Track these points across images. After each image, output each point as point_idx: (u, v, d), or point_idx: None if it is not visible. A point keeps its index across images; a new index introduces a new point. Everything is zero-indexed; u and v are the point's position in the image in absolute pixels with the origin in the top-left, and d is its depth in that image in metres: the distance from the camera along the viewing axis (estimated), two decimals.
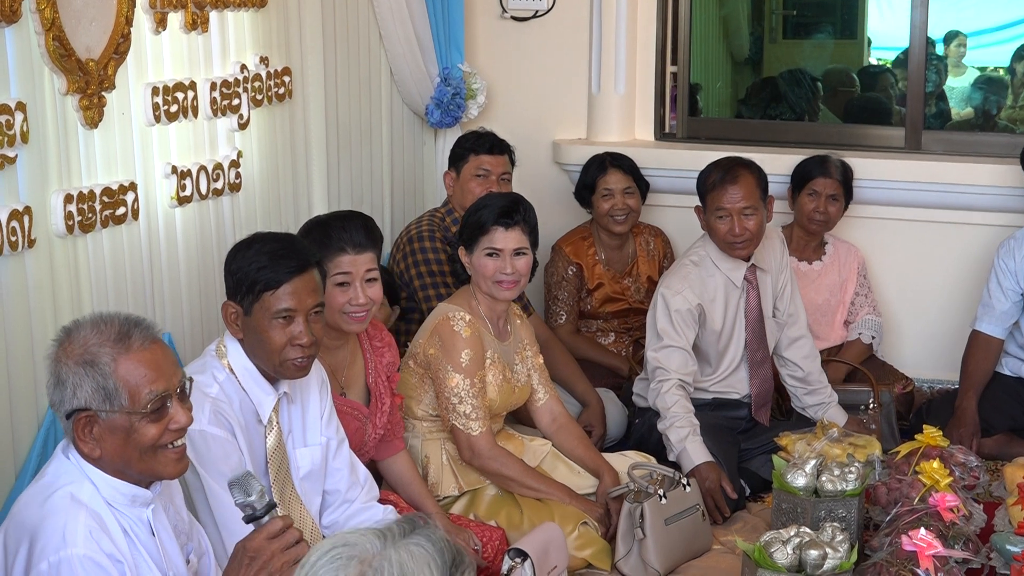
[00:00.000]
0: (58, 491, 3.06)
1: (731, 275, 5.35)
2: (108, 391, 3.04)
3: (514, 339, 4.93)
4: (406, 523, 2.19)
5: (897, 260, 6.37)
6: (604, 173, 6.10)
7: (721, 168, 5.31)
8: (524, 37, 6.67)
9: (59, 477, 3.10)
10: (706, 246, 5.37)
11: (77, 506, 3.04)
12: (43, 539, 2.99)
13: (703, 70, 8.27)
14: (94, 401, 3.04)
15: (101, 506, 3.07)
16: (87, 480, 3.09)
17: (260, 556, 3.10)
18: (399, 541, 2.15)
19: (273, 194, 5.02)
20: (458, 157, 5.73)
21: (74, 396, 3.05)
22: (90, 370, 3.04)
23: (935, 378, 6.29)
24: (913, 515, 4.32)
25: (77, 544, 2.98)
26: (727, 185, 5.23)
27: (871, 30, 9.59)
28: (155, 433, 3.09)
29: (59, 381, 3.07)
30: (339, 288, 4.24)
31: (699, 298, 5.29)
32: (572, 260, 6.12)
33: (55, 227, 3.84)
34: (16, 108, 3.64)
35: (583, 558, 4.62)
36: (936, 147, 6.47)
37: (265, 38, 4.91)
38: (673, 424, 5.12)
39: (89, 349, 3.06)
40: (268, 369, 3.84)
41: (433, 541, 2.16)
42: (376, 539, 2.15)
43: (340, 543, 2.15)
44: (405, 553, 2.13)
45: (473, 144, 5.72)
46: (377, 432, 4.48)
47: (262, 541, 3.11)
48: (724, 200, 5.23)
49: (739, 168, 5.30)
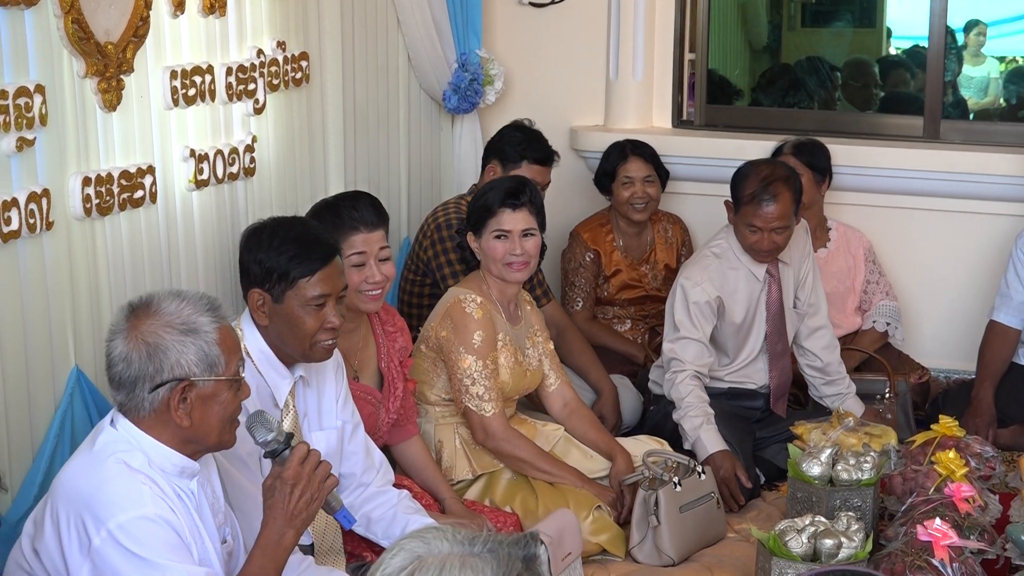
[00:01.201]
0: (109, 458, 3.11)
1: (753, 269, 5.33)
2: (211, 358, 3.15)
3: (525, 324, 4.93)
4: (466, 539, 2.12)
5: (915, 250, 6.35)
6: (624, 161, 6.09)
7: (761, 180, 5.17)
8: (542, 23, 6.66)
9: (108, 446, 3.15)
10: (728, 238, 5.34)
11: (132, 471, 3.10)
12: (103, 504, 3.04)
13: (721, 57, 8.25)
14: (197, 368, 3.13)
15: (154, 473, 3.13)
16: (139, 449, 3.14)
17: (300, 481, 3.24)
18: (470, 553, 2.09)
19: (289, 179, 5.02)
20: (508, 158, 5.65)
21: (176, 365, 3.11)
22: (195, 337, 3.13)
23: (951, 368, 6.28)
24: (928, 505, 4.31)
25: (146, 504, 3.05)
26: (764, 203, 5.13)
27: (890, 19, 9.55)
28: (235, 406, 3.23)
29: (155, 351, 3.11)
30: (355, 269, 4.25)
31: (719, 290, 5.27)
32: (590, 246, 6.12)
33: (73, 210, 3.85)
34: (35, 91, 3.64)
35: (597, 544, 4.63)
36: (954, 136, 6.45)
37: (283, 22, 4.91)
38: (687, 414, 5.11)
39: (190, 318, 3.14)
40: (296, 354, 3.86)
41: (499, 559, 2.09)
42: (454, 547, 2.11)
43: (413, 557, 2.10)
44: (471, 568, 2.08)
45: (526, 150, 5.66)
46: (390, 417, 4.49)
47: (296, 467, 3.25)
48: (757, 219, 5.16)
49: (778, 184, 5.16)
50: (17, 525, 3.48)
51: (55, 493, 3.15)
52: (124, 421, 3.16)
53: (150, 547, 3.03)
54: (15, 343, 3.70)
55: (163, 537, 3.05)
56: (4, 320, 3.65)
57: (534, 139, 5.73)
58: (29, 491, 3.71)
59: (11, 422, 3.71)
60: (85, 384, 3.91)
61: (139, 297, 3.23)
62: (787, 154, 5.97)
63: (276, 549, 3.23)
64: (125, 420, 3.16)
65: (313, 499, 3.26)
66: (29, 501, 3.64)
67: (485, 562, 2.07)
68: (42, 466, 3.75)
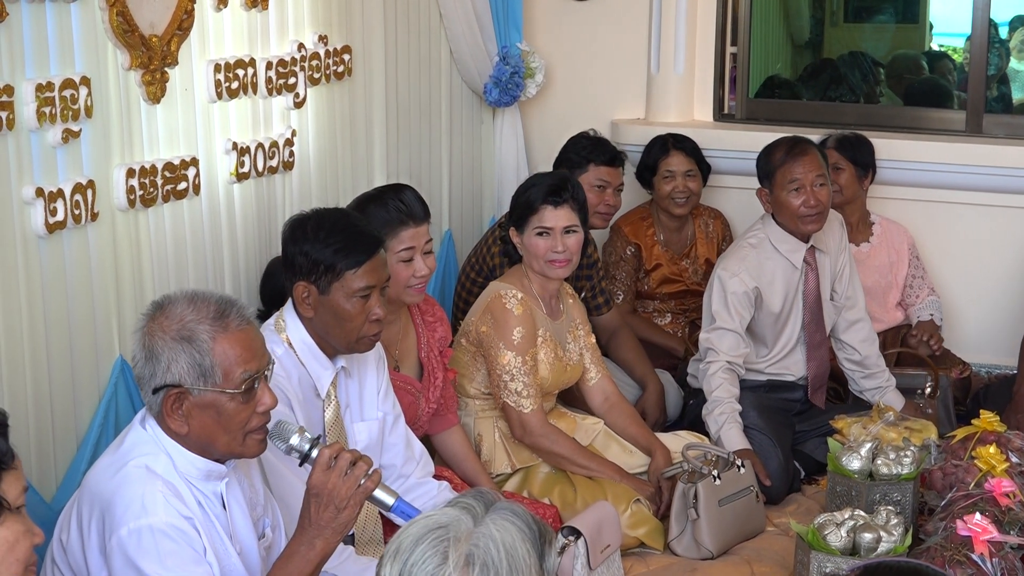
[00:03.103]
0: (132, 462, 3.08)
1: (790, 257, 5.32)
2: (204, 368, 3.05)
3: (566, 318, 4.93)
4: (477, 497, 2.15)
5: (956, 244, 6.32)
6: (666, 155, 6.09)
7: (784, 145, 5.30)
8: (583, 16, 6.66)
9: (134, 448, 3.12)
10: (766, 227, 5.35)
11: (152, 477, 3.06)
12: (118, 509, 3.01)
13: (763, 51, 8.23)
14: (188, 377, 3.05)
15: (175, 478, 3.09)
16: (163, 453, 3.10)
17: (323, 491, 3.13)
18: (487, 516, 2.12)
19: (330, 173, 5.05)
20: (575, 164, 5.67)
21: (167, 371, 3.05)
22: (187, 346, 3.04)
23: (993, 363, 6.25)
24: (968, 500, 4.29)
25: (158, 512, 3.00)
26: (798, 157, 5.22)
27: (933, 14, 9.51)
28: (244, 416, 3.10)
29: (151, 355, 3.06)
30: (402, 264, 4.26)
31: (756, 281, 5.27)
32: (631, 240, 6.12)
33: (117, 201, 3.89)
34: (80, 83, 3.68)
35: (636, 537, 4.63)
36: (997, 131, 6.41)
37: (325, 16, 4.93)
38: (712, 412, 5.12)
39: (187, 325, 3.06)
40: (340, 345, 3.87)
41: (518, 515, 2.13)
42: (466, 516, 2.11)
43: (434, 524, 2.11)
44: (501, 530, 2.09)
45: (592, 153, 5.70)
46: (430, 407, 4.51)
47: (319, 476, 3.13)
48: (796, 171, 5.20)
49: (803, 143, 5.30)
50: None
51: (83, 491, 3.15)
52: (151, 422, 3.13)
53: (153, 559, 2.98)
54: (60, 333, 3.74)
55: (170, 549, 2.99)
56: (50, 310, 3.69)
57: (598, 143, 5.77)
58: (73, 480, 3.75)
59: (56, 411, 3.75)
60: (129, 374, 3.94)
61: (163, 296, 3.19)
62: (830, 148, 5.95)
63: (300, 561, 3.12)
64: (152, 421, 3.13)
65: (343, 507, 3.12)
66: (73, 490, 3.66)
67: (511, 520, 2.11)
68: (86, 455, 3.79)
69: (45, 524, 3.10)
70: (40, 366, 3.68)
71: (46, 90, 3.57)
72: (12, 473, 2.40)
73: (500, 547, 2.07)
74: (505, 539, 2.08)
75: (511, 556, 2.07)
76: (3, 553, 2.38)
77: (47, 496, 3.72)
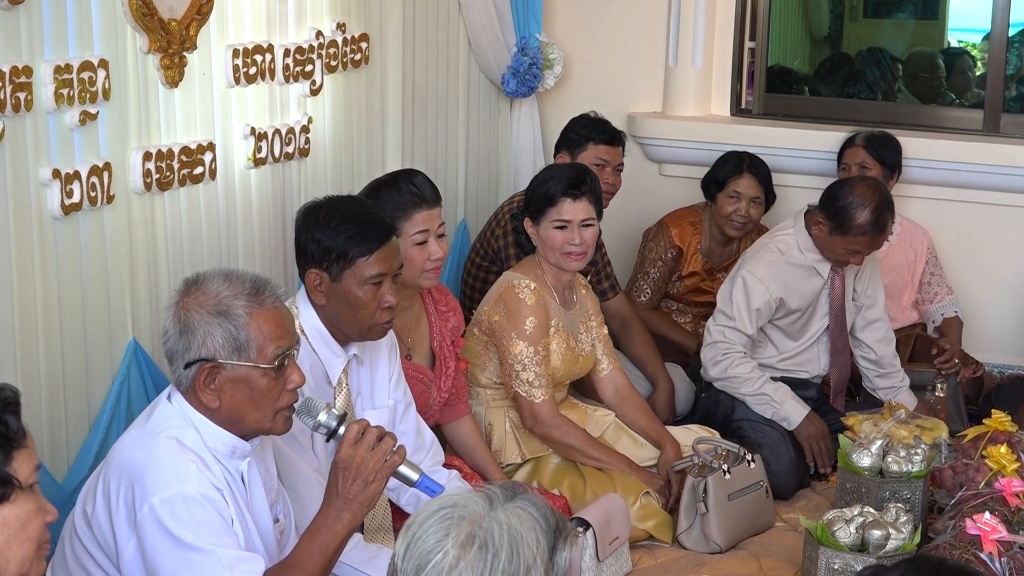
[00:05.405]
0: (163, 434, 3.12)
1: (818, 266, 5.30)
2: (239, 343, 3.11)
3: (579, 308, 4.94)
4: (507, 488, 2.19)
5: (972, 244, 6.31)
6: (739, 175, 5.90)
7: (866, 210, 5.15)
8: (602, 8, 6.65)
9: (163, 421, 3.16)
10: (797, 232, 5.32)
11: (183, 448, 3.11)
12: (150, 479, 3.05)
13: (781, 46, 8.21)
14: (223, 351, 3.11)
15: (204, 451, 3.14)
16: (192, 427, 3.15)
17: (351, 464, 3.18)
18: (505, 504, 2.15)
19: (346, 160, 5.05)
20: (574, 143, 5.65)
21: (202, 345, 3.11)
22: (223, 320, 3.10)
23: (1006, 363, 6.24)
24: (978, 499, 4.29)
25: (191, 481, 3.06)
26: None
27: (952, 11, 9.48)
28: (275, 393, 3.16)
29: (186, 329, 3.12)
30: (417, 247, 4.27)
31: (782, 291, 5.23)
32: (675, 243, 6.01)
33: (134, 184, 3.90)
34: (99, 65, 3.70)
35: (644, 530, 4.64)
36: (1015, 130, 6.40)
37: (343, 4, 4.93)
38: (762, 388, 5.20)
39: (223, 300, 3.12)
40: (353, 333, 3.87)
41: (537, 506, 2.16)
42: (483, 501, 2.15)
43: (448, 504, 2.14)
44: (512, 516, 2.12)
45: (591, 132, 5.65)
46: (442, 396, 4.52)
47: (348, 450, 3.19)
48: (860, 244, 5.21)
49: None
50: (73, 494, 3.53)
51: (109, 463, 3.18)
52: (178, 396, 3.18)
53: (189, 527, 3.02)
54: (74, 314, 3.75)
55: (204, 518, 3.04)
56: (64, 291, 3.70)
57: (598, 123, 5.73)
58: (85, 461, 3.77)
59: (69, 392, 3.77)
60: (142, 357, 3.96)
61: (196, 273, 3.24)
62: (858, 146, 5.92)
63: (327, 534, 3.17)
64: (179, 396, 3.18)
65: (371, 480, 3.17)
66: (85, 471, 3.69)
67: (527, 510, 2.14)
68: (98, 436, 3.81)
69: (56, 504, 3.10)
70: (54, 347, 3.70)
71: (64, 72, 3.58)
72: (24, 451, 2.41)
73: (504, 530, 2.09)
74: (512, 523, 2.11)
75: (514, 540, 2.09)
76: (16, 531, 2.39)
77: (59, 477, 3.74)
